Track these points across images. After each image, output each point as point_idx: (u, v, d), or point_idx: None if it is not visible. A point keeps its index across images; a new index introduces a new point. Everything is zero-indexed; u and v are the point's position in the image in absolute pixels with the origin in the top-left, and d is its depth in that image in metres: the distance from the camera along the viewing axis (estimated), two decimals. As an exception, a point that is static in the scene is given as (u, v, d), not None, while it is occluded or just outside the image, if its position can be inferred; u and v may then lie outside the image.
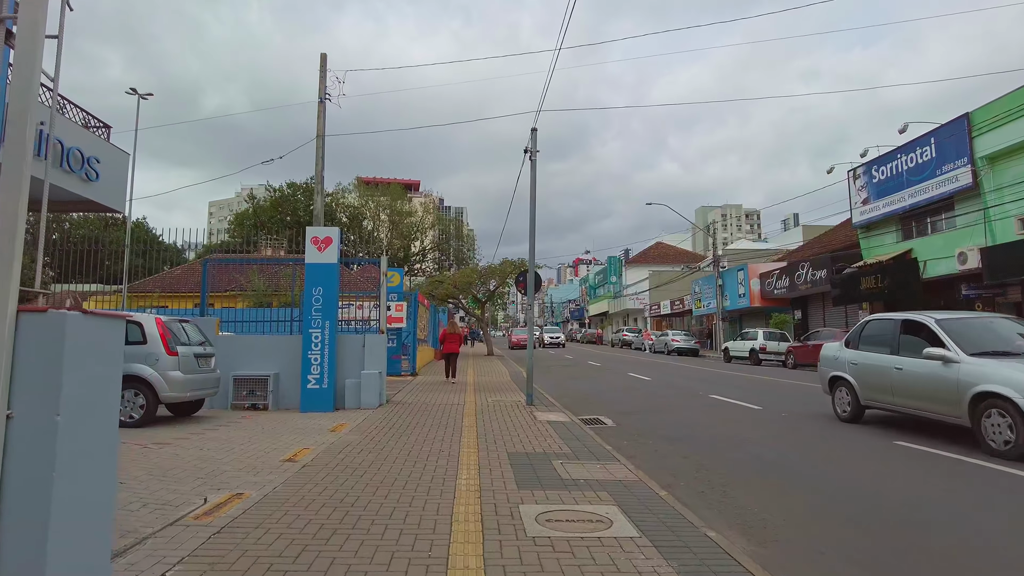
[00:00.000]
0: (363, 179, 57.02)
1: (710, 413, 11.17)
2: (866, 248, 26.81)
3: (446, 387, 15.05)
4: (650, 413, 11.22)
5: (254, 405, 11.05)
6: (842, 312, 29.70)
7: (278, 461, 6.46)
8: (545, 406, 11.53)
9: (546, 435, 8.34)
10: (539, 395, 12.77)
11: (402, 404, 11.53)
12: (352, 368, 11.32)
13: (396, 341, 18.44)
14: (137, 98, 31.39)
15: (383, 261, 11.64)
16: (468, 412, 10.42)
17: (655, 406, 12.19)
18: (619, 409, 11.70)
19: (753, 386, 16.03)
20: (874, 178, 25.71)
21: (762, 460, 7.26)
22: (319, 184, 11.49)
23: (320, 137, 11.49)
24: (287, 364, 11.19)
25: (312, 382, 10.88)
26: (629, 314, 64.04)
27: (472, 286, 30.85)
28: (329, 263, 11.14)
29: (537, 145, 12.10)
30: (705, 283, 40.10)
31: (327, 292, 11.05)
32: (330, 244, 11.20)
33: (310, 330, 10.98)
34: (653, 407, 12.04)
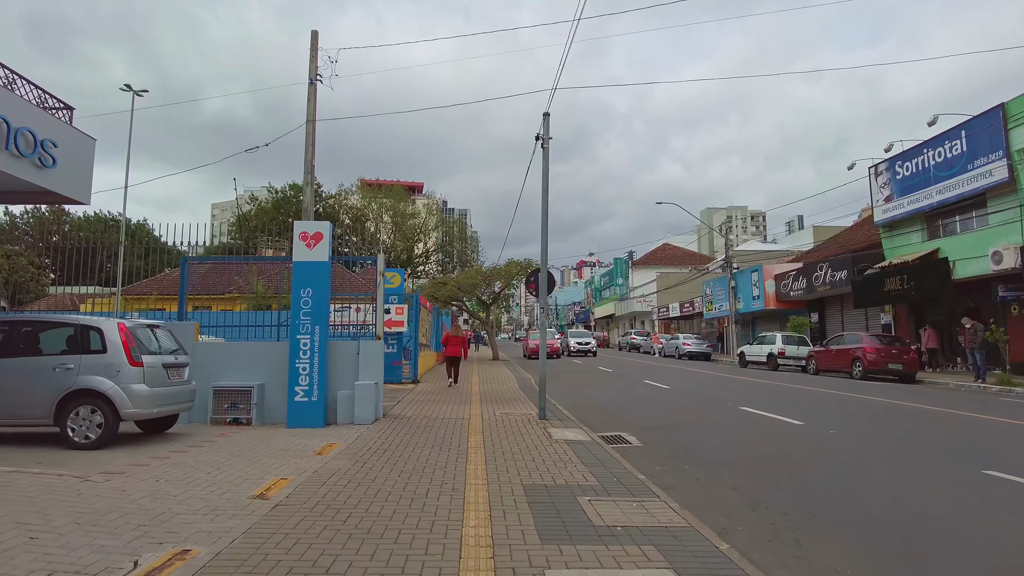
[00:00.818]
0: (366, 181, 56.04)
1: (746, 429, 10.00)
2: (889, 248, 25.60)
3: (449, 397, 13.90)
4: (678, 429, 10.05)
5: (236, 420, 9.92)
6: (862, 315, 28.48)
7: (246, 498, 5.32)
8: (559, 420, 10.38)
9: (565, 459, 7.19)
10: (551, 406, 11.64)
11: (401, 419, 10.38)
12: (345, 378, 10.19)
13: (396, 346, 17.32)
14: (132, 94, 30.52)
15: (380, 259, 10.52)
16: (474, 428, 9.28)
17: (681, 420, 11.02)
18: (642, 424, 10.53)
19: (783, 395, 14.84)
20: (898, 174, 24.51)
21: (828, 493, 6.09)
22: (308, 175, 10.37)
23: (311, 122, 10.39)
24: (273, 374, 10.06)
25: (300, 394, 9.75)
26: (636, 317, 62.82)
27: (476, 288, 29.69)
28: (319, 261, 10.02)
29: (550, 132, 10.96)
30: (717, 285, 38.88)
31: (317, 294, 9.93)
32: (320, 240, 10.08)
33: (298, 336, 9.85)
34: (679, 421, 10.87)
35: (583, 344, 38.25)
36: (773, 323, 34.79)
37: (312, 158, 10.46)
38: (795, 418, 10.77)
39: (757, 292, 33.34)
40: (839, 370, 21.49)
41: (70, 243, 10.87)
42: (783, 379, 20.11)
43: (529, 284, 11.05)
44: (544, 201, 10.76)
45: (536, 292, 10.92)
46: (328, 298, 10.11)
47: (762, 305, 32.91)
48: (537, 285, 10.88)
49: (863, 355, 19.80)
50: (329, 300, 10.20)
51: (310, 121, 10.42)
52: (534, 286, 10.95)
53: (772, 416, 11.13)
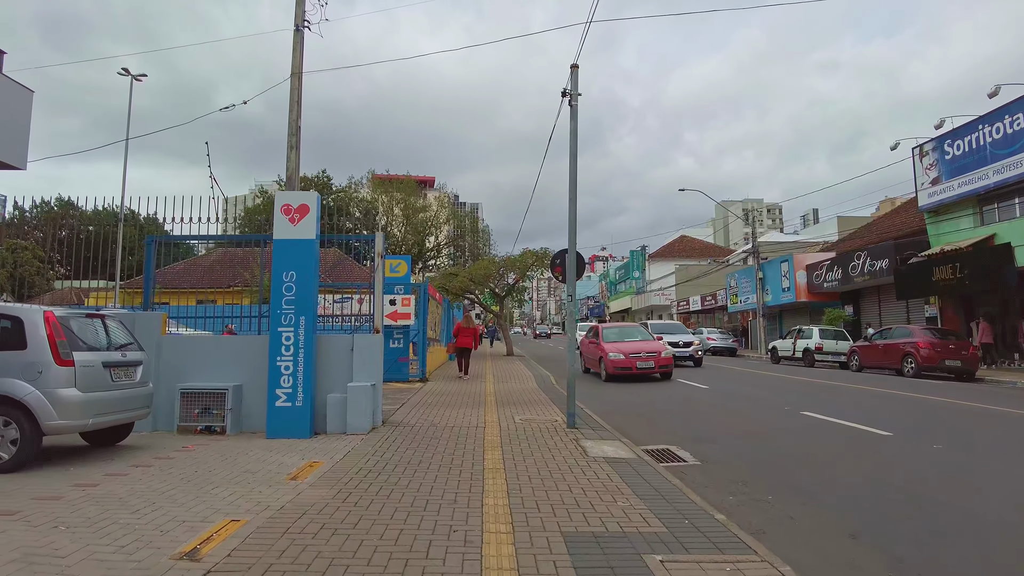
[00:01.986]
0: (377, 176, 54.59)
1: (822, 441, 8.25)
2: (935, 235, 23.62)
3: (461, 398, 12.25)
4: (738, 441, 8.33)
5: (209, 428, 8.33)
6: (902, 307, 26.53)
7: (167, 559, 3.70)
8: (591, 428, 8.70)
9: (611, 487, 5.52)
10: (578, 410, 9.99)
11: (403, 427, 8.74)
12: (337, 379, 8.57)
13: (403, 340, 15.71)
14: (130, 79, 29.20)
15: (378, 238, 8.88)
16: (490, 442, 7.61)
17: (738, 428, 9.30)
18: (692, 434, 8.82)
19: (842, 397, 13.05)
20: (947, 154, 22.53)
21: (984, 542, 4.37)
22: (293, 136, 8.72)
23: (296, 75, 8.77)
24: (253, 373, 8.47)
25: (282, 398, 8.14)
26: (653, 311, 60.86)
27: (489, 279, 28.01)
28: (304, 239, 8.39)
29: (579, 88, 9.25)
30: (743, 276, 36.98)
31: (302, 278, 8.30)
32: (306, 214, 8.44)
33: (279, 329, 8.23)
34: (736, 430, 9.15)
35: (687, 344, 22.99)
36: (802, 316, 32.87)
37: (297, 117, 8.82)
38: (876, 426, 9.00)
39: (787, 283, 31.43)
40: (887, 367, 19.63)
41: (79, 236, 9.44)
42: (827, 377, 18.28)
43: (555, 267, 9.36)
44: (572, 168, 9.07)
45: (563, 276, 9.23)
46: (316, 283, 8.48)
47: (793, 297, 31.00)
48: (564, 268, 9.19)
49: (916, 351, 17.93)
50: (317, 286, 8.58)
51: (295, 74, 8.79)
52: (560, 269, 9.26)
53: (847, 424, 9.37)
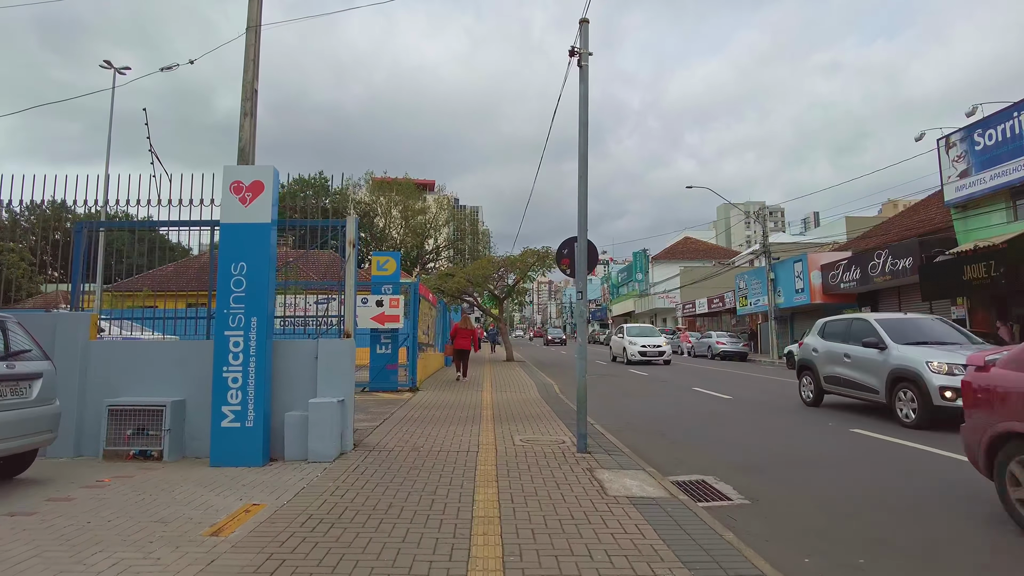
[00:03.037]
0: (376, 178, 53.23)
1: (895, 469, 6.74)
2: (962, 231, 22.12)
3: (453, 412, 10.74)
4: (787, 468, 6.81)
5: (143, 452, 6.83)
6: (925, 309, 24.94)
7: None
8: (605, 451, 7.18)
9: (643, 546, 4.02)
10: (588, 427, 8.52)
11: (378, 452, 7.22)
12: (297, 393, 7.07)
13: (391, 346, 14.21)
14: (113, 72, 27.80)
15: (350, 222, 7.38)
16: (484, 474, 6.09)
17: (781, 450, 7.77)
18: (728, 458, 7.31)
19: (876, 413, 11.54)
20: (977, 144, 21.03)
21: None
22: (248, 101, 7.22)
23: (252, 29, 7.27)
24: (198, 386, 6.96)
25: (229, 417, 6.63)
26: (657, 314, 59.38)
27: (488, 280, 26.47)
28: (257, 223, 6.89)
29: (589, 46, 7.77)
30: (753, 277, 35.45)
31: (254, 270, 6.81)
32: (260, 193, 6.95)
33: (226, 332, 6.73)
34: (780, 453, 7.62)
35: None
36: (815, 319, 31.33)
37: (254, 78, 7.33)
38: (950, 449, 7.49)
39: (801, 284, 29.88)
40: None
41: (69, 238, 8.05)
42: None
43: (562, 259, 7.84)
44: (582, 140, 7.58)
45: (571, 269, 7.72)
46: (271, 277, 6.98)
47: (807, 299, 29.45)
48: (572, 260, 7.68)
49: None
50: (274, 280, 7.07)
51: (252, 28, 7.30)
52: (568, 261, 7.75)
53: (908, 444, 7.86)
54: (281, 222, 7.43)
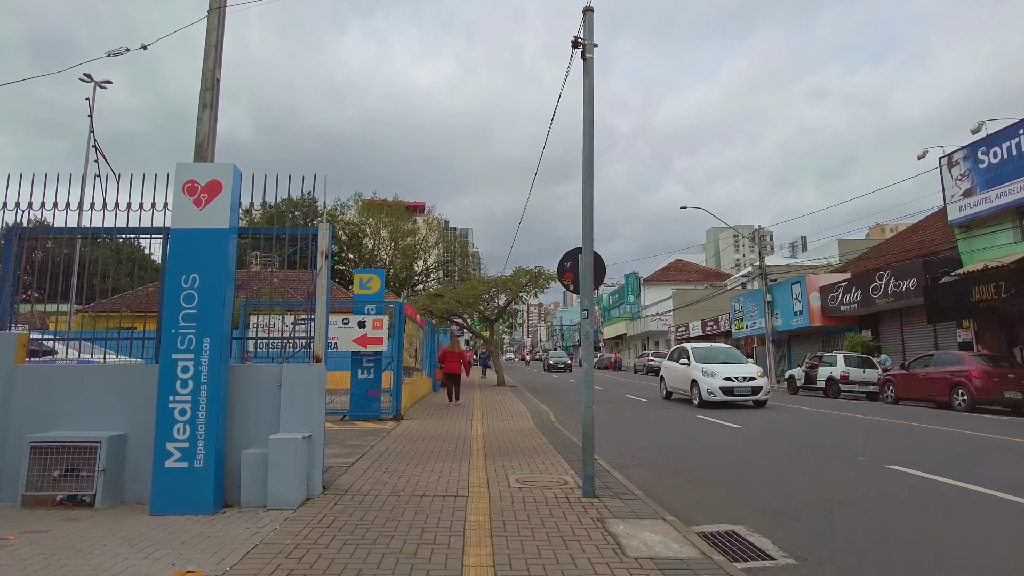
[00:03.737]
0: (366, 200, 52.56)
1: (950, 516, 5.81)
2: (967, 252, 21.52)
3: (440, 444, 9.73)
4: (827, 514, 5.86)
5: (73, 498, 5.78)
6: (929, 332, 24.26)
7: None
8: (615, 495, 6.21)
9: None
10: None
11: (352, 496, 6.20)
12: (258, 427, 6.07)
13: (374, 370, 13.20)
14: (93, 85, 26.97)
15: (322, 230, 6.46)
16: (475, 527, 5.10)
17: (815, 492, 6.81)
18: (755, 500, 6.35)
19: (922, 441, 10.64)
20: (982, 162, 20.50)
21: None
22: (208, 92, 6.32)
23: (215, 11, 6.41)
24: (146, 417, 5.94)
25: (175, 455, 5.62)
26: (650, 337, 58.56)
27: (478, 301, 25.51)
28: (214, 229, 5.96)
29: (594, 37, 6.96)
30: (749, 300, 34.75)
31: (209, 284, 5.85)
32: (218, 195, 6.02)
33: (174, 355, 5.75)
34: (815, 495, 6.66)
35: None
36: (813, 343, 30.59)
37: (215, 66, 6.45)
38: (1007, 489, 6.58)
39: (800, 307, 29.18)
40: (929, 399, 17.28)
41: (55, 259, 7.16)
42: (869, 411, 15.86)
43: (564, 273, 6.93)
44: (587, 139, 6.74)
45: (574, 284, 6.82)
46: (228, 293, 6.03)
47: (805, 322, 28.73)
48: (575, 274, 6.78)
49: (969, 381, 15.60)
50: (231, 296, 6.12)
51: (215, 10, 6.45)
52: (571, 276, 6.84)
53: (961, 485, 6.94)
54: (243, 229, 6.49)
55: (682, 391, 18.16)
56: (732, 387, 16.18)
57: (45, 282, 7.17)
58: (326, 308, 6.54)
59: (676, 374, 18.69)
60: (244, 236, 6.61)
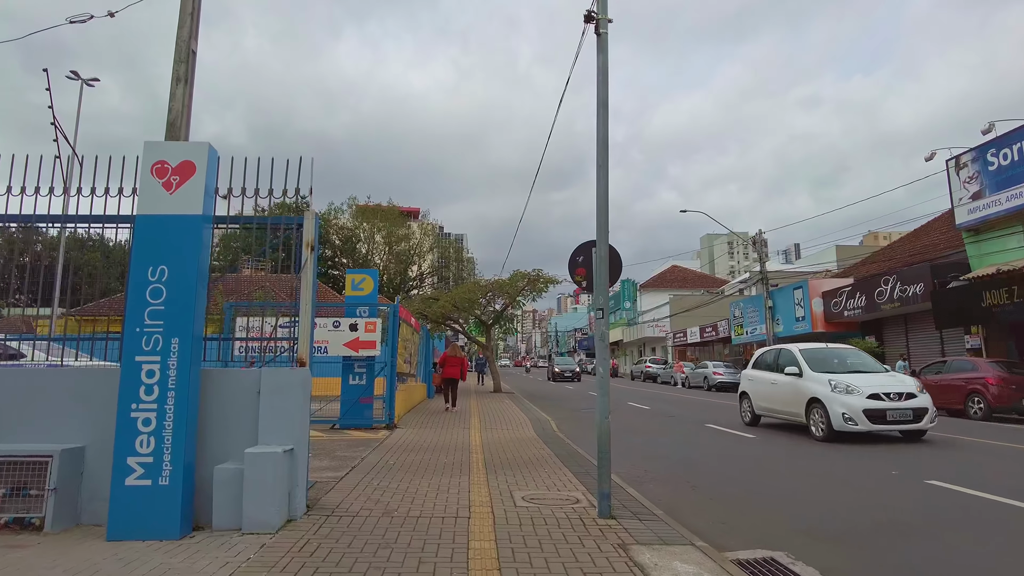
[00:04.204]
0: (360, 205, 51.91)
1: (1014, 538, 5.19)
2: (976, 256, 21.00)
3: (436, 455, 9.06)
4: (874, 535, 5.21)
5: (20, 520, 5.09)
6: (935, 338, 23.73)
7: None
8: (634, 515, 5.56)
9: None
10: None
11: (339, 517, 5.52)
12: (233, 439, 5.40)
13: (366, 376, 12.51)
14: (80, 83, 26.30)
15: (307, 218, 5.81)
16: (480, 555, 4.43)
17: (855, 510, 6.17)
18: (790, 520, 5.71)
19: (951, 452, 10.04)
20: (991, 164, 20.01)
21: None
22: (182, 64, 5.68)
23: (189, -22, 5.83)
24: (107, 428, 5.24)
25: (137, 472, 4.94)
26: (646, 343, 58.01)
27: (474, 306, 24.84)
28: (186, 215, 5.30)
29: (607, 11, 6.35)
30: (749, 305, 34.22)
31: (179, 277, 5.19)
32: (191, 177, 5.37)
33: (138, 358, 5.07)
34: (855, 513, 6.02)
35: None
36: (815, 349, 30.05)
37: (191, 36, 5.82)
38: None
39: (802, 312, 28.64)
40: (941, 407, 16.66)
41: (46, 263, 6.60)
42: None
43: (577, 269, 6.29)
44: (602, 121, 6.13)
45: (587, 281, 6.18)
46: (201, 288, 5.36)
47: (808, 327, 28.18)
48: (588, 269, 6.14)
49: (985, 388, 15.04)
50: (204, 292, 5.45)
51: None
52: (584, 271, 6.21)
53: (1019, 505, 6.31)
54: (219, 218, 5.83)
55: (787, 415, 12.61)
56: (883, 409, 10.75)
57: (26, 285, 6.55)
58: (312, 306, 5.87)
59: (775, 390, 12.81)
60: (221, 225, 5.93)
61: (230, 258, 39.44)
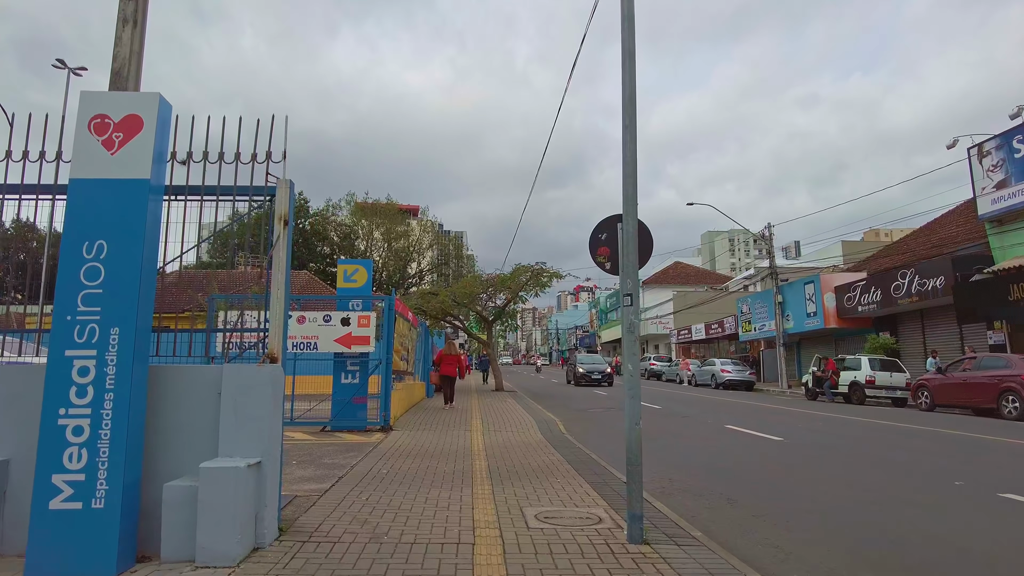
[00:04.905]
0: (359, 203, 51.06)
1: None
2: (999, 247, 20.10)
3: (434, 463, 8.14)
4: (967, 565, 4.31)
5: (-70, 548, 4.17)
6: (954, 333, 22.78)
7: None
8: (670, 538, 4.67)
9: None
10: (616, 482, 6.06)
11: (317, 543, 4.59)
12: (188, 450, 4.48)
13: (359, 374, 11.60)
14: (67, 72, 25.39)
15: (281, 189, 4.88)
16: (490, 598, 3.52)
17: (949, 541, 5.25)
18: (860, 545, 4.78)
19: (1008, 459, 9.14)
20: (1017, 152, 19.10)
21: None
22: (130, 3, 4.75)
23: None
24: (34, 438, 4.31)
25: (65, 492, 4.02)
26: (649, 340, 57.10)
27: (474, 301, 23.90)
28: (130, 180, 4.37)
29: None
30: (757, 301, 33.28)
31: (120, 255, 4.27)
32: (137, 134, 4.44)
33: (68, 352, 4.15)
34: (932, 536, 5.10)
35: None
36: (824, 345, 29.16)
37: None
38: None
39: (813, 308, 27.70)
40: (970, 406, 15.81)
41: (39, 260, 5.78)
42: (907, 419, 14.37)
43: (599, 248, 5.35)
44: (629, 71, 5.21)
45: (610, 261, 5.26)
46: (150, 269, 4.44)
47: (820, 323, 27.25)
48: (613, 248, 5.22)
49: (1021, 387, 14.12)
50: (153, 274, 4.53)
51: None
52: (607, 251, 5.28)
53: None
54: (176, 188, 4.90)
55: None
56: None
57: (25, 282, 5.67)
58: (286, 292, 4.94)
59: None
60: (178, 196, 5.00)
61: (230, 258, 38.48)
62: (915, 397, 17.76)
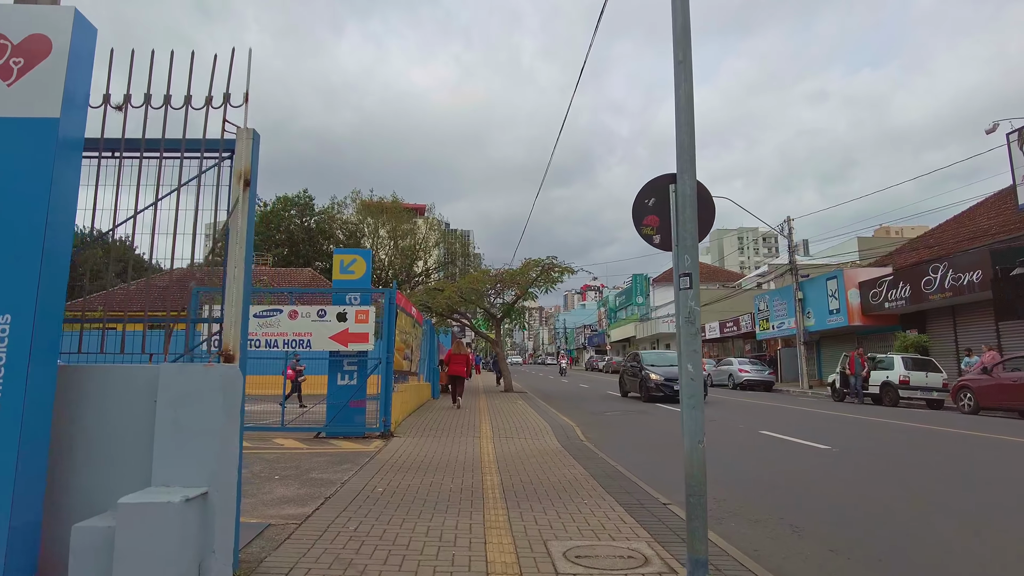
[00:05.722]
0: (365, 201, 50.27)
1: None
2: (1040, 239, 18.89)
3: (438, 479, 7.06)
4: None
5: None
6: (989, 330, 21.53)
7: None
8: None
9: None
10: (657, 510, 4.99)
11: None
12: (111, 477, 3.40)
13: (358, 375, 10.54)
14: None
15: (242, 141, 3.81)
16: None
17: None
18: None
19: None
20: (1062, 136, 17.88)
21: None
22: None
23: None
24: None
25: (-65, 539, 2.94)
26: (660, 339, 55.89)
27: (482, 297, 22.80)
28: (30, 119, 3.30)
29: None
30: (776, 298, 32.02)
31: (14, 220, 3.19)
32: (43, 59, 3.36)
33: (-59, 348, 3.08)
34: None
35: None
36: (847, 344, 27.87)
37: None
38: None
39: (836, 304, 26.45)
40: (1018, 408, 14.60)
41: None
42: (951, 423, 13.18)
43: (646, 216, 4.22)
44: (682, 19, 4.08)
45: (660, 236, 4.16)
46: (63, 238, 3.36)
47: (844, 320, 26.00)
48: (663, 217, 4.11)
49: (1080, 387, 12.91)
50: (68, 252, 3.45)
51: None
52: (655, 220, 4.17)
53: None
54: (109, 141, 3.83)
55: None
56: None
57: None
58: (246, 270, 3.86)
59: None
60: (109, 152, 3.92)
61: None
62: (956, 399, 16.55)
